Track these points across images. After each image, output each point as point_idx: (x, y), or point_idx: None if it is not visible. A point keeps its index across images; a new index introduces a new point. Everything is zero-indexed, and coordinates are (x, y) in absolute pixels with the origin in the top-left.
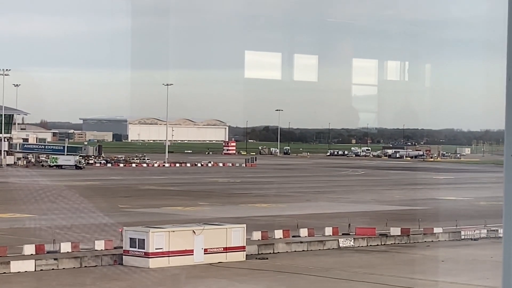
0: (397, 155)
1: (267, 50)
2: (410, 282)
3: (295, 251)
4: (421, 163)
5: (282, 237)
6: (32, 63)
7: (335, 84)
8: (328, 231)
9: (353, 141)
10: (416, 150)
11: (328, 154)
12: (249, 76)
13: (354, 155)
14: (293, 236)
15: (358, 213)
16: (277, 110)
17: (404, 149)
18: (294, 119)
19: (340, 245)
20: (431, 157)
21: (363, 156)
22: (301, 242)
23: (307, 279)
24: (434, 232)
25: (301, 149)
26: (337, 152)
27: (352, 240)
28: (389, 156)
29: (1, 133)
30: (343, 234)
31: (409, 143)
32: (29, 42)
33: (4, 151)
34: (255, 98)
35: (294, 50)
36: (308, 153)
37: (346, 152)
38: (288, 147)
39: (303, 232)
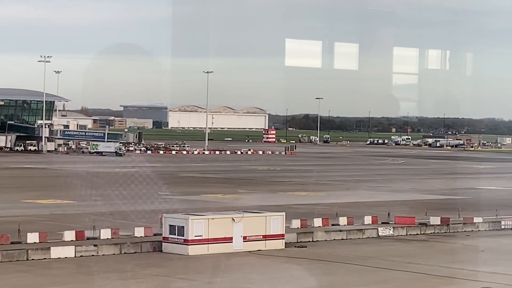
0: (437, 144)
1: (308, 38)
2: (449, 272)
3: (334, 239)
4: (461, 152)
5: (321, 225)
6: (73, 49)
7: (376, 72)
8: (368, 220)
9: (393, 130)
10: (457, 140)
11: (368, 142)
12: (290, 64)
13: (394, 144)
14: (332, 225)
15: (398, 202)
16: (317, 98)
17: (444, 138)
18: (334, 108)
19: (380, 234)
20: (472, 147)
21: (403, 145)
22: (340, 231)
23: (346, 267)
24: (474, 221)
25: (341, 137)
26: (377, 140)
27: (392, 229)
28: (429, 145)
29: (42, 119)
30: (382, 223)
31: (450, 132)
32: (70, 29)
33: (45, 137)
34: (296, 86)
35: (335, 39)
36: (348, 142)
37: (386, 141)
38: (328, 136)
39: (343, 220)
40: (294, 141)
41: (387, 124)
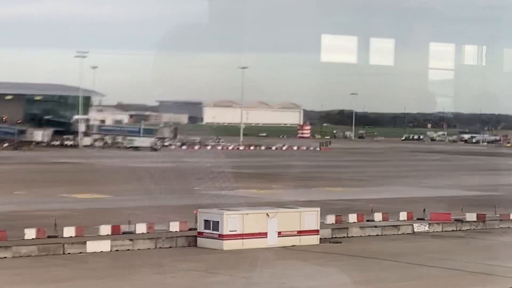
0: (473, 140)
1: (344, 34)
2: (486, 268)
3: (369, 235)
4: (497, 148)
5: (356, 221)
6: (109, 45)
7: (412, 68)
8: (403, 215)
9: (429, 125)
10: (493, 135)
11: (403, 138)
12: (325, 59)
13: (429, 140)
14: (367, 220)
15: (433, 198)
16: (352, 94)
17: (480, 134)
18: (369, 103)
19: (415, 230)
20: (508, 143)
21: (438, 140)
22: (375, 227)
23: (381, 263)
24: (511, 218)
25: (375, 133)
26: (412, 136)
27: (427, 225)
28: (465, 141)
29: (79, 114)
30: (418, 219)
31: (486, 128)
32: (107, 24)
33: (81, 132)
34: (331, 82)
35: (371, 34)
36: (383, 138)
37: (421, 137)
38: (363, 131)
39: (378, 216)
40: (328, 137)
41: (422, 119)
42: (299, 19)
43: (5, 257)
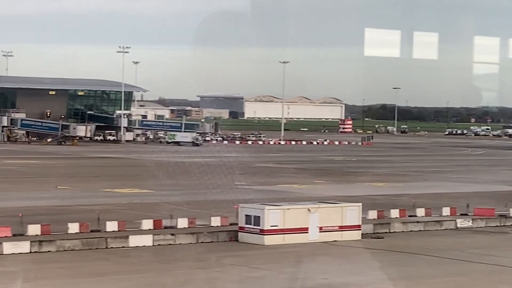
0: None
1: (387, 28)
2: None
3: (411, 231)
4: None
5: (398, 216)
6: (151, 40)
7: (455, 62)
8: (446, 211)
9: (473, 120)
10: None
11: (447, 133)
12: (368, 54)
13: (473, 134)
14: (409, 216)
15: (477, 193)
16: (394, 88)
17: None
18: (412, 97)
19: (458, 225)
20: None
21: (482, 135)
22: (418, 222)
23: (424, 259)
24: None
25: (418, 127)
26: (456, 131)
27: (471, 221)
28: (510, 135)
29: (121, 109)
30: (461, 214)
31: None
32: (149, 20)
33: (123, 127)
34: (373, 76)
35: (414, 28)
36: (426, 132)
37: (465, 131)
38: (406, 126)
39: (420, 212)
40: (371, 132)
41: (466, 114)
42: (342, 13)
43: (49, 251)
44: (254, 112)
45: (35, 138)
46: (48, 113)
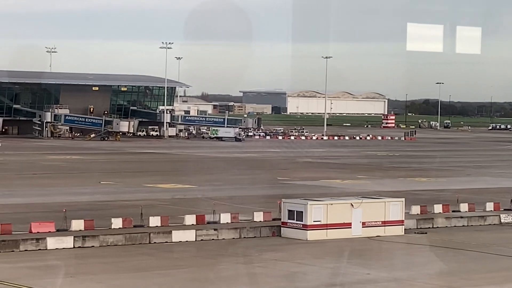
0: None
1: (430, 22)
2: None
3: (455, 226)
4: None
5: (441, 211)
6: (194, 36)
7: (499, 56)
8: (490, 206)
9: None
10: None
11: (490, 128)
12: (411, 48)
13: None
14: (453, 211)
15: None
16: (437, 83)
17: None
18: (455, 92)
19: (502, 220)
20: None
21: None
22: (461, 217)
23: (467, 254)
24: None
25: (461, 122)
26: (499, 126)
27: None
28: None
29: (164, 105)
30: (505, 209)
31: None
32: (191, 15)
33: (166, 123)
34: (416, 71)
35: (457, 22)
36: (469, 127)
37: (508, 126)
38: (449, 121)
39: (463, 207)
40: (413, 127)
41: (509, 109)
42: (384, 8)
43: (93, 246)
44: (296, 107)
45: (79, 134)
46: (91, 108)
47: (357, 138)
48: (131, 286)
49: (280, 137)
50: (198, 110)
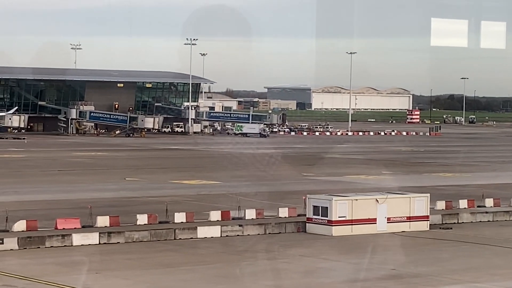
0: None
1: (454, 17)
2: None
3: (480, 221)
4: None
5: (466, 207)
6: (218, 32)
7: None
8: None
9: None
10: None
11: None
12: (435, 44)
13: None
14: (478, 206)
15: None
16: (462, 78)
17: None
18: (480, 87)
19: None
20: None
21: None
22: (487, 213)
23: (492, 250)
24: None
25: (486, 117)
26: None
27: None
28: None
29: (188, 101)
30: None
31: None
32: (215, 11)
33: (191, 119)
34: (441, 66)
35: (481, 17)
36: (494, 122)
37: None
38: (474, 116)
39: (489, 202)
40: (438, 122)
41: None
42: (409, 3)
43: (118, 242)
44: (321, 103)
45: (104, 130)
46: (116, 105)
47: (382, 133)
48: (156, 282)
49: (305, 133)
50: (222, 106)
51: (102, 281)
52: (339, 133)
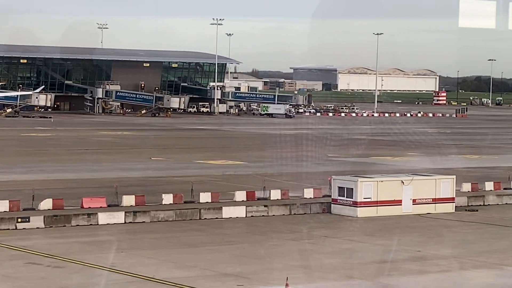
0: None
1: None
2: None
3: (506, 203)
4: None
5: (493, 189)
6: (244, 12)
7: None
8: None
9: None
10: None
11: None
12: (463, 25)
13: None
14: (504, 189)
15: None
16: (489, 59)
17: None
18: (507, 69)
19: None
20: None
21: None
22: None
23: None
24: None
25: None
26: None
27: None
28: None
29: (214, 81)
30: None
31: None
32: None
33: (217, 99)
34: (468, 48)
35: None
36: None
37: None
38: (501, 98)
39: None
40: (465, 104)
41: None
42: None
43: (144, 222)
44: (347, 84)
45: (130, 110)
46: (142, 85)
47: (408, 115)
48: (181, 262)
49: (330, 114)
50: (248, 86)
51: (127, 260)
52: (365, 114)
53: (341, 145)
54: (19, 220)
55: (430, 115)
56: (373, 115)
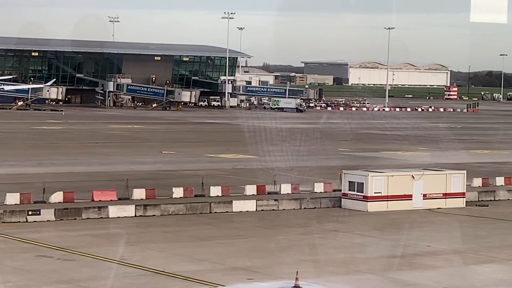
0: None
1: None
2: None
3: None
4: None
5: (503, 184)
6: (256, 6)
7: None
8: None
9: None
10: None
11: None
12: (474, 20)
13: None
14: None
15: None
16: (501, 54)
17: None
18: None
19: None
20: None
21: None
22: None
23: None
24: None
25: None
26: None
27: None
28: None
29: (225, 75)
30: None
31: None
32: None
33: (228, 93)
34: (479, 43)
35: None
36: None
37: None
38: None
39: None
40: (476, 99)
41: None
42: None
43: (154, 215)
44: (358, 78)
45: (141, 103)
46: (153, 78)
47: (419, 109)
48: (192, 255)
49: (341, 108)
50: (259, 80)
51: (138, 253)
52: (376, 109)
53: (351, 140)
54: (30, 213)
55: (441, 110)
56: (384, 109)
